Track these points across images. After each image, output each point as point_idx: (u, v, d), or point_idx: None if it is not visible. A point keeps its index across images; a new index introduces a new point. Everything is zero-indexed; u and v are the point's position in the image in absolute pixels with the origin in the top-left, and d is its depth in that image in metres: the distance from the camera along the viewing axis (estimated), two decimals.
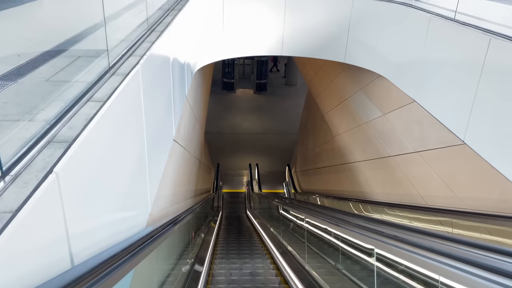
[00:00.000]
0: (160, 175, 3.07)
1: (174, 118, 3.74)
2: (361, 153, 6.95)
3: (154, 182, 2.87)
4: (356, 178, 7.23)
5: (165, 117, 3.29)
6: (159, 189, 3.04)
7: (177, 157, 4.22)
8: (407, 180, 5.17)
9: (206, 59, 6.20)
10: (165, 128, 3.30)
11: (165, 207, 3.55)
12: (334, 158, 8.82)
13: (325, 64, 9.40)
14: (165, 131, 3.28)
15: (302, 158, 13.23)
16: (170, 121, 3.57)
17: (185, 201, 5.33)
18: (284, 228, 5.95)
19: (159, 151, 3.02)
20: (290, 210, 4.62)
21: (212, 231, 7.69)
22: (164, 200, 3.50)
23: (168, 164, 3.55)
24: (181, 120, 4.40)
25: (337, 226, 3.03)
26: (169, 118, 3.48)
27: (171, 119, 3.62)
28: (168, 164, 3.50)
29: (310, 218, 3.51)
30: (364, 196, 6.82)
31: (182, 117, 4.47)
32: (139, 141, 2.38)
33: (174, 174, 4.07)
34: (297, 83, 25.45)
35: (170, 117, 3.53)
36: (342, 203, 7.12)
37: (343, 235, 3.35)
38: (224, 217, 12.14)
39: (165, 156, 3.31)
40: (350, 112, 7.54)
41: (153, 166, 2.75)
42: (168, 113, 3.45)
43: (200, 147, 7.88)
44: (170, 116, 3.57)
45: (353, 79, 7.34)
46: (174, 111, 3.73)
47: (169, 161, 3.55)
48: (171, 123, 3.60)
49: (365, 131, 6.70)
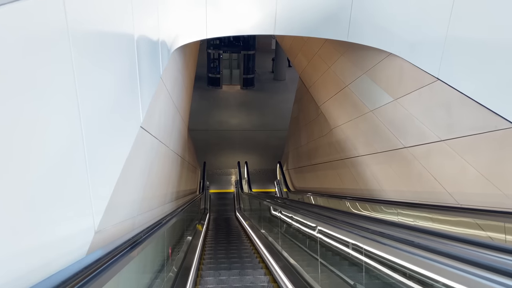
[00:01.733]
0: (116, 174, 2.15)
1: (141, 101, 2.81)
2: (366, 146, 6.10)
3: (105, 184, 1.95)
4: (360, 175, 6.39)
5: (124, 95, 2.37)
6: (115, 194, 2.12)
7: (148, 151, 3.29)
8: (429, 175, 4.34)
9: (187, 37, 5.26)
10: (124, 110, 2.37)
11: (129, 217, 2.62)
12: (332, 153, 7.98)
13: (320, 50, 8.55)
14: (123, 114, 2.35)
15: (295, 155, 12.38)
16: (135, 103, 2.65)
17: (163, 205, 4.40)
18: (283, 235, 5.06)
19: (113, 140, 2.09)
20: (295, 216, 3.75)
21: (198, 238, 6.76)
22: (127, 208, 2.57)
23: (133, 160, 2.62)
24: (154, 105, 3.46)
25: (370, 241, 2.16)
26: (131, 98, 2.56)
27: (136, 101, 2.69)
28: (132, 159, 2.57)
29: (325, 227, 2.65)
30: (371, 194, 5.99)
31: (155, 101, 3.54)
32: (66, 123, 1.46)
33: (144, 173, 3.14)
34: (285, 78, 24.67)
35: (133, 98, 2.61)
36: (346, 203, 6.27)
37: (370, 249, 2.49)
38: (212, 219, 11.21)
39: (126, 149, 2.38)
40: (351, 101, 6.69)
41: (100, 161, 1.83)
42: (130, 92, 2.52)
43: (183, 142, 6.94)
44: (134, 96, 2.64)
45: (355, 63, 6.49)
46: (141, 92, 2.80)
47: (134, 155, 2.62)
48: (135, 105, 2.67)
49: (371, 121, 5.86)
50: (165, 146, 4.31)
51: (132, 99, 2.56)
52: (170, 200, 5.06)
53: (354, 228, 2.35)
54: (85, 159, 1.62)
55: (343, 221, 2.46)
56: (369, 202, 5.41)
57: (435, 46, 4.18)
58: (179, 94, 5.93)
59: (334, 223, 2.46)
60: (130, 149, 2.47)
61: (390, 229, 2.41)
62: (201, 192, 11.78)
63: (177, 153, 5.70)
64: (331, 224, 2.45)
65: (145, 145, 3.13)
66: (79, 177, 1.59)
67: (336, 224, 2.43)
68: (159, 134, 3.84)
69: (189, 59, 8.26)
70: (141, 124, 2.81)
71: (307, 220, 3.14)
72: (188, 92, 7.98)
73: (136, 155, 2.77)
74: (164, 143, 4.26)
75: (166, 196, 4.60)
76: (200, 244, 6.25)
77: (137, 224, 2.85)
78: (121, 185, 2.27)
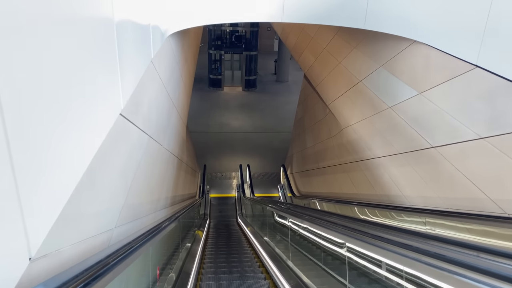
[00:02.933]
0: (76, 174, 1.54)
1: (121, 81, 2.21)
2: (384, 146, 5.49)
3: (52, 188, 1.34)
4: (376, 178, 5.77)
5: (91, 68, 1.76)
6: (75, 202, 1.51)
7: (133, 148, 2.68)
8: (464, 179, 3.72)
9: (186, 22, 4.66)
10: (91, 87, 1.76)
11: (103, 230, 2.01)
12: (343, 155, 7.36)
13: (330, 45, 7.97)
14: (90, 93, 1.74)
15: (300, 158, 11.76)
16: (110, 82, 2.05)
17: (155, 213, 3.79)
18: (295, 248, 4.42)
19: (69, 124, 1.48)
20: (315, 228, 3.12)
21: (196, 248, 6.14)
22: (98, 219, 1.96)
23: (108, 156, 2.02)
24: (141, 93, 2.87)
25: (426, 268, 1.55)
26: (105, 75, 1.96)
27: (114, 80, 2.09)
28: (107, 155, 1.97)
29: (357, 245, 2.04)
30: (390, 200, 5.37)
31: (144, 88, 2.94)
32: None
33: (127, 175, 2.54)
34: (288, 80, 24.15)
35: (108, 75, 2.01)
36: (360, 210, 5.64)
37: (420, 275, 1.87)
38: (212, 226, 10.58)
39: (95, 140, 1.77)
40: (366, 97, 6.09)
41: (42, 152, 1.23)
42: (102, 66, 1.92)
43: (180, 142, 6.34)
44: (110, 73, 2.04)
45: (370, 55, 5.90)
46: (121, 70, 2.20)
47: (109, 150, 2.02)
48: (112, 85, 2.07)
49: (390, 118, 5.25)
50: (157, 143, 3.70)
51: (106, 77, 1.96)
52: (164, 206, 4.45)
53: (394, 246, 1.74)
54: (7, 147, 1.01)
55: (378, 236, 1.86)
56: (391, 210, 4.79)
57: (474, 27, 3.58)
58: (176, 88, 5.33)
59: (370, 240, 1.86)
60: (102, 142, 1.86)
61: (444, 248, 1.80)
62: (201, 196, 11.16)
63: (173, 153, 5.09)
64: (367, 242, 1.85)
65: (128, 139, 2.52)
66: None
67: (374, 243, 1.82)
68: (149, 128, 3.24)
69: (188, 53, 7.68)
70: (121, 111, 2.20)
71: (332, 234, 2.53)
72: (187, 89, 7.38)
73: (114, 151, 2.17)
74: (157, 140, 3.66)
75: (159, 201, 3.99)
76: (198, 256, 5.63)
77: (115, 239, 2.24)
78: (86, 189, 1.67)
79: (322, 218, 3.22)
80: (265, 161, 15.11)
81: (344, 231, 2.22)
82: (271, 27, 31.98)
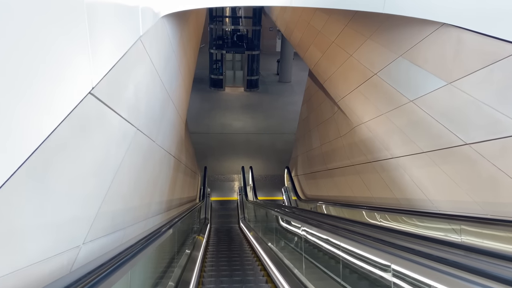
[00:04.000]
0: (11, 167, 0.99)
1: (92, 51, 1.66)
2: (404, 144, 4.94)
3: None
4: (395, 180, 5.21)
5: (41, 25, 1.22)
6: (7, 210, 0.96)
7: (112, 140, 2.13)
8: (510, 180, 3.16)
9: (179, 3, 4.13)
10: (38, 48, 1.21)
11: (63, 250, 1.46)
12: (354, 156, 6.81)
13: (339, 37, 7.44)
14: (36, 58, 1.19)
15: (305, 159, 11.21)
16: (76, 50, 1.50)
17: (145, 220, 3.24)
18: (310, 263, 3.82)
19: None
20: (344, 243, 2.54)
21: (196, 254, 5.57)
22: (58, 234, 1.41)
23: (70, 149, 1.48)
24: (125, 74, 2.33)
25: None
26: (64, 39, 1.41)
27: (82, 48, 1.55)
28: (67, 147, 1.43)
29: (419, 272, 1.48)
30: (411, 205, 4.82)
31: (128, 69, 2.40)
32: None
33: (104, 174, 1.99)
34: (291, 80, 23.65)
35: (72, 40, 1.47)
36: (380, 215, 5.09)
37: None
38: (213, 230, 10.02)
39: (46, 123, 1.23)
40: (382, 91, 5.54)
41: None
42: (62, 28, 1.38)
43: (178, 140, 5.79)
44: (77, 38, 1.50)
45: (387, 45, 5.36)
46: (91, 36, 1.65)
47: (71, 139, 1.47)
48: (78, 55, 1.52)
49: (412, 113, 4.70)
50: (148, 139, 3.15)
51: (65, 38, 1.41)
52: (158, 211, 3.89)
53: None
54: None
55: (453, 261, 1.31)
56: (416, 216, 4.22)
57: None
58: (173, 80, 4.80)
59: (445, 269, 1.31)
60: (59, 126, 1.32)
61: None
62: (201, 200, 10.60)
63: (169, 152, 4.54)
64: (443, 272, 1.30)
65: (105, 129, 1.98)
66: None
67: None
68: (137, 119, 2.70)
69: (188, 47, 7.15)
70: (91, 90, 1.65)
71: (373, 253, 1.98)
72: (186, 84, 6.84)
73: (82, 142, 1.62)
74: (148, 135, 3.11)
75: (151, 207, 3.43)
76: (198, 263, 5.07)
77: (83, 259, 1.68)
78: (30, 190, 1.12)
79: (351, 230, 2.66)
80: (268, 163, 14.55)
81: (390, 249, 1.67)
82: (273, 28, 31.51)
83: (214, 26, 21.65)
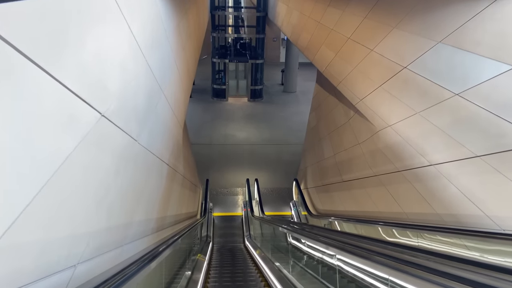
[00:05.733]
0: None
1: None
2: (448, 148, 4.05)
3: None
4: (435, 192, 4.32)
5: None
6: None
7: (71, 133, 1.26)
8: None
9: None
10: None
11: None
12: (378, 164, 5.92)
13: (356, 32, 6.65)
14: None
15: (316, 170, 10.31)
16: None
17: (119, 248, 2.34)
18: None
19: None
20: None
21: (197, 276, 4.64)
22: None
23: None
24: (97, 41, 1.46)
25: None
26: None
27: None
28: None
29: None
30: (459, 222, 3.91)
31: (101, 37, 1.55)
32: None
33: (50, 184, 1.11)
34: (296, 90, 22.90)
35: None
36: (417, 233, 4.18)
37: None
38: (216, 250, 9.06)
39: None
40: (414, 86, 4.69)
41: None
42: None
43: (173, 145, 4.91)
44: None
45: (422, 31, 4.54)
46: None
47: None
48: None
49: (458, 109, 3.84)
50: (124, 134, 2.29)
51: None
52: (143, 233, 2.99)
53: None
54: None
55: None
56: (472, 236, 3.32)
57: None
58: (165, 68, 3.96)
59: None
60: None
61: None
62: (202, 215, 9.68)
63: (160, 157, 3.67)
64: None
65: (58, 116, 1.11)
66: None
67: None
68: (101, 100, 1.84)
69: (187, 41, 6.35)
70: None
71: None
72: (183, 82, 6.01)
73: None
74: (122, 128, 2.25)
75: (129, 229, 2.54)
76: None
77: None
78: None
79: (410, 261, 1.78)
80: (274, 175, 13.64)
81: None
82: (276, 38, 30.94)
83: (217, 34, 21.01)
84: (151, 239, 3.23)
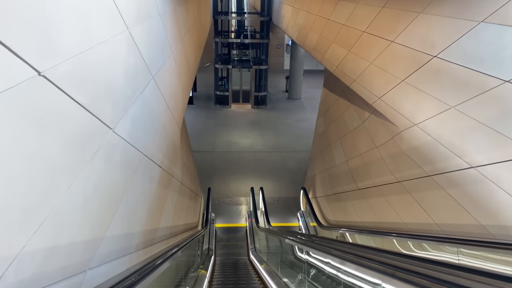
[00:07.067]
0: None
1: None
2: (495, 146, 3.39)
3: None
4: (477, 199, 3.64)
5: None
6: None
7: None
8: None
9: None
10: None
11: None
12: (401, 169, 5.25)
13: (373, 23, 6.06)
14: None
15: (325, 178, 9.63)
16: None
17: (79, 275, 1.68)
18: None
19: None
20: None
21: None
22: None
23: None
24: None
25: None
26: None
27: None
28: None
29: None
30: (510, 235, 3.22)
31: None
32: None
33: None
34: (301, 97, 22.31)
35: None
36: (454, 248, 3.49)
37: None
38: (218, 264, 8.35)
39: None
40: (448, 77, 4.05)
41: None
42: None
43: (168, 145, 4.26)
44: None
45: (457, 12, 3.93)
46: None
47: None
48: None
49: (508, 99, 3.18)
50: (100, 122, 1.65)
51: None
52: (121, 253, 2.33)
53: None
54: None
55: None
56: None
57: None
58: (157, 53, 3.33)
59: None
60: None
61: None
62: (204, 226, 9.00)
63: (150, 157, 3.02)
64: None
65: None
66: None
67: None
68: (64, 75, 1.20)
69: (186, 34, 5.75)
70: None
71: None
72: (182, 77, 5.39)
73: None
74: (96, 115, 1.61)
75: (96, 248, 1.88)
76: None
77: None
78: None
79: None
80: (280, 184, 12.94)
81: None
82: (280, 45, 30.47)
83: (220, 39, 20.52)
84: (135, 258, 2.57)
